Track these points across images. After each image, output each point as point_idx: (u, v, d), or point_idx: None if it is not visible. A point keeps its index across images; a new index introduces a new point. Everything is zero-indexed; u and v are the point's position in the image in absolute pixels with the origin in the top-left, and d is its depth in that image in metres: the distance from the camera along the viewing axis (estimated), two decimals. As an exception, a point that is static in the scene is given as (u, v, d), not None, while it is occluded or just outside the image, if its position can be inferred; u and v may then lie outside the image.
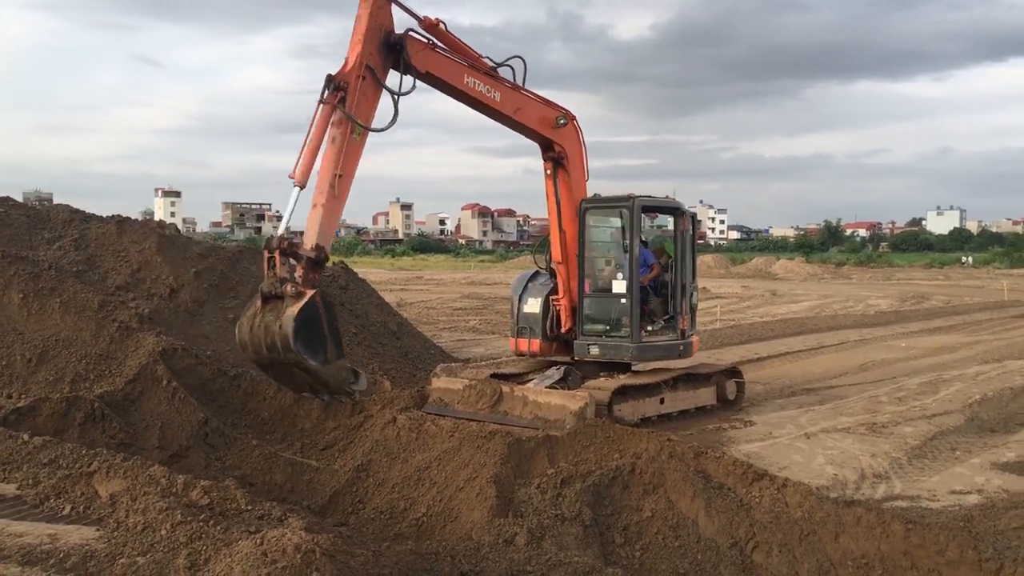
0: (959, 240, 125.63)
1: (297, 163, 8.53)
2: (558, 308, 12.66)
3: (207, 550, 6.09)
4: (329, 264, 19.14)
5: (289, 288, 7.25)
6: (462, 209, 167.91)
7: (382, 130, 9.82)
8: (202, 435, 10.11)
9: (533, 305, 12.89)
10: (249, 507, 7.20)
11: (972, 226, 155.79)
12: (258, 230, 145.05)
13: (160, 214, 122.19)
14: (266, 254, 7.72)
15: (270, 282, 7.49)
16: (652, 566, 7.59)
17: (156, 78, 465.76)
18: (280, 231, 7.98)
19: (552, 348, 12.89)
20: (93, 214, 15.70)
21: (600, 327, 12.68)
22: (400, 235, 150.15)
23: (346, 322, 16.35)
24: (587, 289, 12.80)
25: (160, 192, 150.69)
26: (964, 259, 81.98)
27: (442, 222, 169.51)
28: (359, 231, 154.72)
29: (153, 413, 10.32)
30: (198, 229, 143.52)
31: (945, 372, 17.06)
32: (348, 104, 9.18)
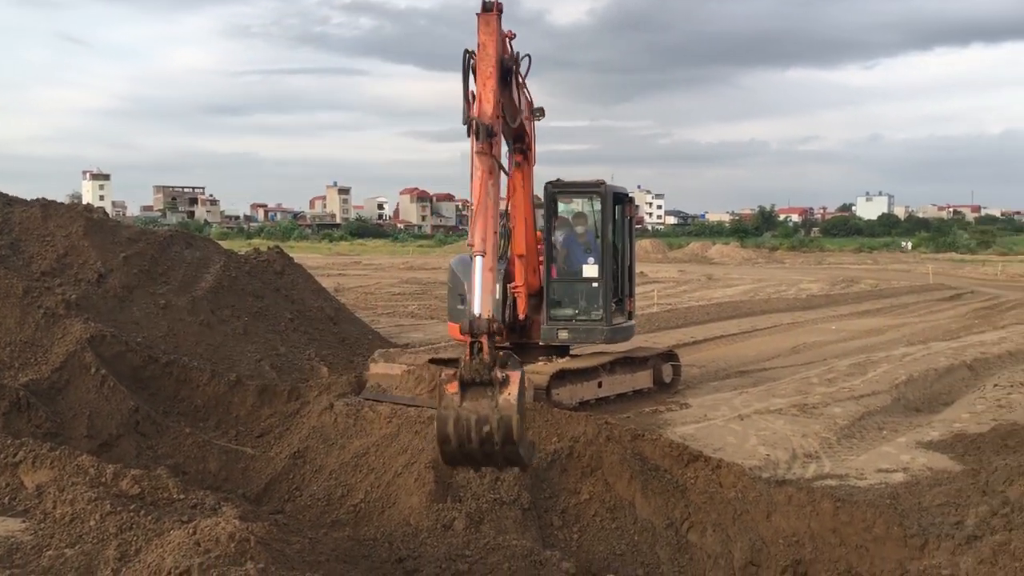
0: (887, 225, 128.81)
1: (473, 229, 7.10)
2: (516, 295, 12.51)
3: (138, 540, 5.98)
4: (264, 249, 18.93)
5: (499, 373, 6.34)
6: (401, 193, 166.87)
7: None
8: (133, 423, 9.91)
9: None
10: (182, 496, 7.08)
11: (900, 212, 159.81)
12: (191, 214, 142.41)
13: (88, 197, 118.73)
14: (468, 339, 6.41)
15: (474, 368, 6.35)
16: (590, 548, 7.68)
17: (83, 57, 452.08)
18: (478, 309, 6.69)
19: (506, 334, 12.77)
20: (17, 197, 15.20)
21: (570, 312, 12.64)
22: (338, 220, 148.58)
23: (281, 308, 16.15)
24: (554, 274, 12.68)
25: (88, 175, 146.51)
26: (903, 244, 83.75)
27: (380, 206, 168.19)
28: (295, 215, 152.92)
29: (81, 401, 10.06)
30: (128, 213, 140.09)
31: (873, 354, 17.50)
32: (496, 150, 7.56)
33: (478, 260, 6.82)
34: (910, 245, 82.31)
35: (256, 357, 13.76)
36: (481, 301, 6.65)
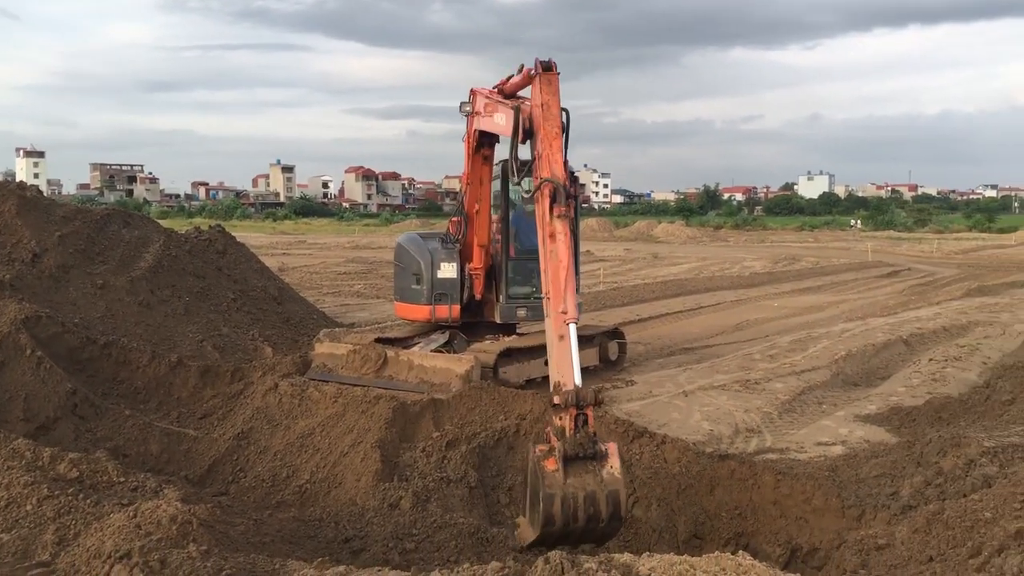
0: (828, 204, 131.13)
1: (566, 295, 6.69)
2: (474, 276, 12.43)
3: (76, 524, 5.86)
4: (205, 228, 18.60)
5: (601, 445, 6.07)
6: (346, 172, 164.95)
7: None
8: (71, 406, 9.68)
9: (448, 270, 12.41)
10: (122, 479, 6.95)
11: (840, 190, 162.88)
12: (129, 192, 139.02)
13: (22, 175, 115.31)
14: (573, 412, 5.94)
15: (580, 443, 5.88)
16: (536, 524, 7.70)
17: (15, 31, 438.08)
18: (579, 380, 6.20)
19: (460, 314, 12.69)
20: (-55, 175, 14.71)
21: (527, 290, 12.63)
22: (282, 199, 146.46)
23: (224, 288, 15.91)
24: (512, 253, 12.62)
25: (22, 152, 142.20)
26: (853, 222, 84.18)
27: (325, 185, 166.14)
28: (238, 194, 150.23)
29: (16, 384, 9.79)
30: (64, 191, 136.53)
31: (814, 330, 17.84)
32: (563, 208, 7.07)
33: (572, 329, 6.47)
34: (859, 223, 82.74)
35: (198, 338, 13.55)
36: (578, 371, 6.26)
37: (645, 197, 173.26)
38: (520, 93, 8.93)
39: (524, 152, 7.72)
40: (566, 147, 7.43)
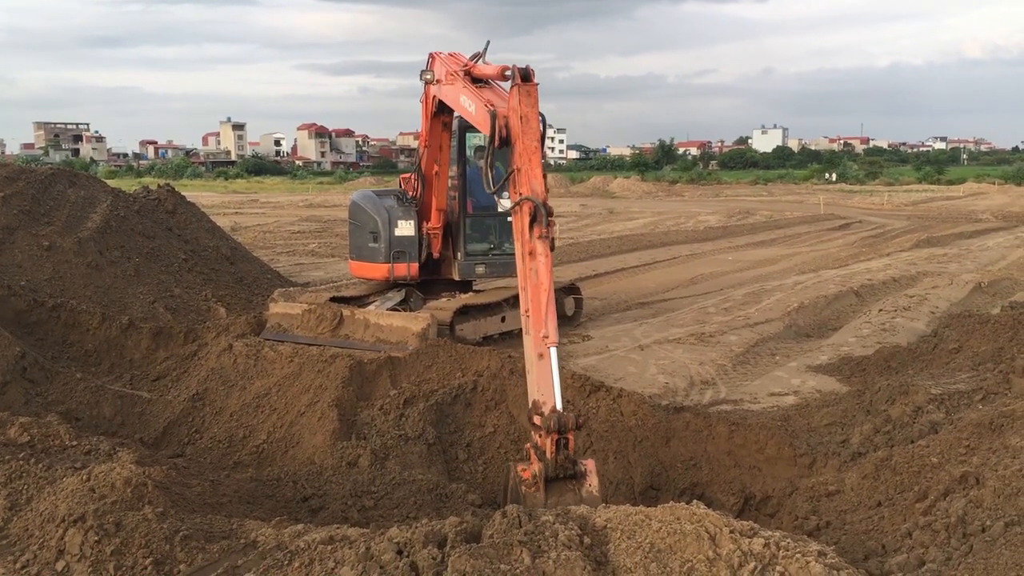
0: (782, 158, 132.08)
1: (546, 319, 6.54)
2: (432, 236, 12.33)
3: (29, 489, 5.77)
4: (154, 187, 18.23)
5: (580, 466, 6.11)
6: (298, 129, 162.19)
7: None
8: (19, 370, 9.48)
9: (406, 228, 12.30)
10: (74, 443, 6.85)
11: (793, 144, 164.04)
12: (75, 152, 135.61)
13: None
14: (555, 437, 5.99)
15: (561, 465, 6.00)
16: (495, 479, 7.77)
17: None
18: (560, 404, 6.24)
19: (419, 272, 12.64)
20: None
21: (485, 246, 12.57)
22: (233, 157, 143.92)
23: (174, 248, 15.66)
24: (469, 209, 12.53)
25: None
26: (827, 175, 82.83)
27: (277, 143, 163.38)
28: (188, 152, 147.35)
29: (-38, 349, 9.58)
30: (8, 152, 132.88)
31: (767, 283, 18.08)
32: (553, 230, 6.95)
33: (554, 352, 6.41)
34: (835, 176, 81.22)
35: (149, 299, 13.35)
36: (559, 393, 6.30)
37: (601, 152, 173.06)
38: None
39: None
40: (542, 152, 7.25)
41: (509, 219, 12.28)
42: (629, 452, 7.97)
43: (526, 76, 7.17)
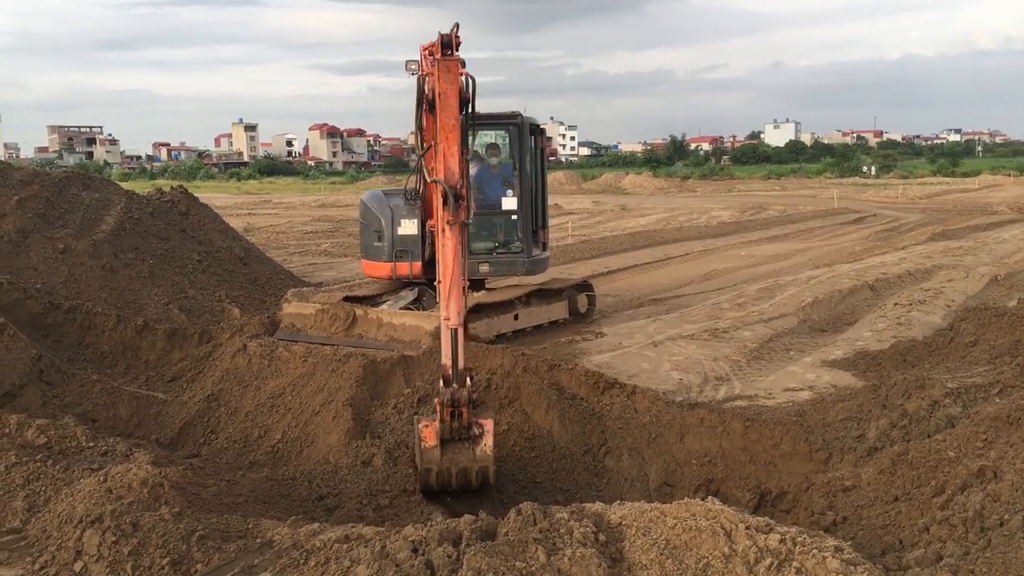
0: (795, 152, 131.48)
1: (447, 303, 6.60)
2: (434, 232, 12.30)
3: (47, 490, 5.83)
4: (167, 189, 18.31)
5: (475, 428, 6.62)
6: (310, 130, 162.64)
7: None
8: (36, 372, 9.55)
9: (409, 227, 12.30)
10: (91, 444, 6.91)
11: (806, 138, 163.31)
12: (89, 155, 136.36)
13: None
14: (450, 409, 6.50)
15: (455, 430, 6.57)
16: (510, 476, 7.77)
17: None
18: (456, 382, 6.60)
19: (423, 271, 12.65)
20: None
21: (489, 244, 12.58)
22: (245, 158, 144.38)
23: (188, 249, 15.73)
24: (474, 207, 12.53)
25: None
26: (864, 168, 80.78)
27: (289, 143, 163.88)
28: (200, 154, 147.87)
29: (-21, 352, 9.65)
30: (22, 155, 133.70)
31: (781, 278, 18.00)
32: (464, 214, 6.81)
33: (452, 334, 6.58)
34: (874, 169, 78.84)
35: (164, 300, 13.41)
36: (459, 374, 6.64)
37: (612, 149, 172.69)
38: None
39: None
40: (472, 119, 6.85)
41: (514, 217, 12.45)
42: (644, 449, 7.95)
43: (446, 46, 6.60)
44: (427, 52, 8.01)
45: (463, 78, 6.73)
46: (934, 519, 5.19)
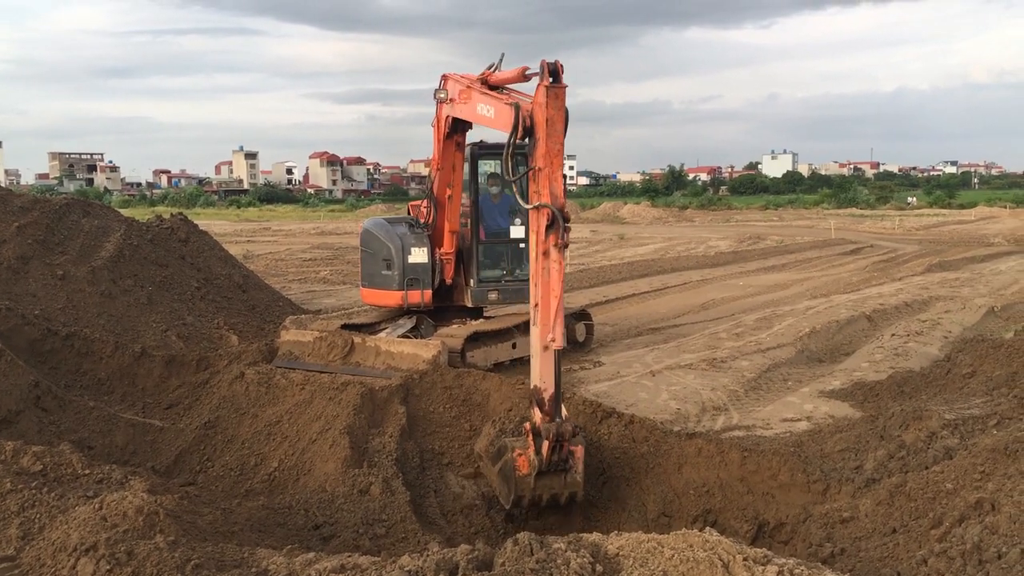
0: (792, 183, 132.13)
1: (554, 324, 6.72)
2: (445, 261, 12.37)
3: (41, 518, 5.79)
4: (167, 216, 18.36)
5: (571, 459, 6.85)
6: (310, 158, 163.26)
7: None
8: (33, 398, 9.53)
9: (420, 255, 12.30)
10: (87, 471, 6.87)
11: (803, 169, 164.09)
12: (90, 181, 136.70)
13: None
14: (551, 441, 6.58)
15: (554, 463, 6.74)
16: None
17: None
18: (560, 409, 6.65)
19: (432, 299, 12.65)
20: None
21: (498, 272, 12.60)
22: (245, 185, 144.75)
23: (187, 276, 15.74)
24: (482, 236, 12.56)
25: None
26: (909, 199, 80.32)
27: (289, 171, 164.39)
28: (201, 181, 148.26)
29: (-24, 378, 9.63)
30: (23, 182, 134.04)
31: (778, 308, 18.02)
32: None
33: (556, 356, 6.80)
34: (915, 200, 78.14)
35: (162, 327, 13.40)
36: (559, 402, 6.85)
37: (611, 178, 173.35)
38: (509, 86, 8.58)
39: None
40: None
41: (522, 245, 12.47)
42: (641, 478, 7.93)
43: (555, 75, 6.76)
44: (479, 80, 8.31)
45: (514, 106, 7.07)
46: (932, 551, 5.17)
